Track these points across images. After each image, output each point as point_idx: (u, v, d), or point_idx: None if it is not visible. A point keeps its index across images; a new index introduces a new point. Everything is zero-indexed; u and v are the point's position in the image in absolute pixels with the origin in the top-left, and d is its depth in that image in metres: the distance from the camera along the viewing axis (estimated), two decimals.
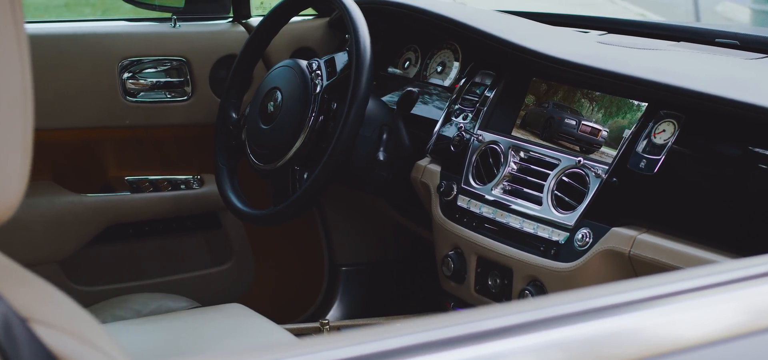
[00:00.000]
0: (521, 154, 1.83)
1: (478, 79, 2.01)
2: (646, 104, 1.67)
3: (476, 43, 2.02)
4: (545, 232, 1.72)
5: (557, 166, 1.75)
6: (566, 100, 1.81)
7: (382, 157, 1.99)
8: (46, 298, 0.76)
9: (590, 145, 1.73)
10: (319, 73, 1.97)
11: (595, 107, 1.76)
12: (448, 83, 2.11)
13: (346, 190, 2.35)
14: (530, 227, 1.75)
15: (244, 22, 2.38)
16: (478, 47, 2.04)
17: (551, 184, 1.75)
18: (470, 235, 1.85)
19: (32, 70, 2.22)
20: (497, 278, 1.81)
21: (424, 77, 2.17)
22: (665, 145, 1.59)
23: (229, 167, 2.11)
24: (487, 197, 1.84)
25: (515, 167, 1.83)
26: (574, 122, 1.78)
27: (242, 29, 2.36)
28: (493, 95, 1.95)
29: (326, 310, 2.51)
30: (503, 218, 1.80)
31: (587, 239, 1.64)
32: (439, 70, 2.15)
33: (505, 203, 1.81)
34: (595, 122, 1.74)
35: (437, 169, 1.97)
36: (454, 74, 2.11)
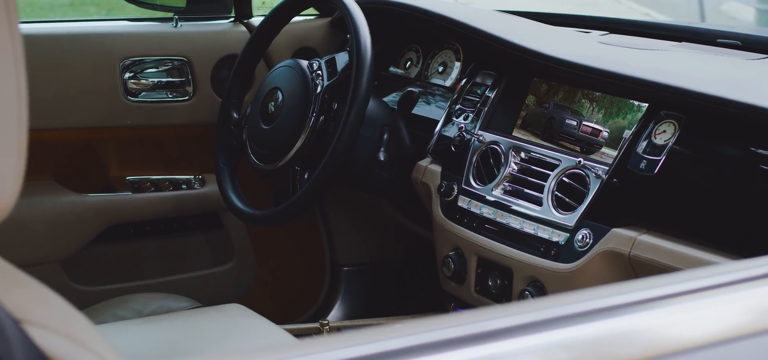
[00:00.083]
0: (522, 154, 1.83)
1: (479, 79, 2.01)
2: (646, 105, 1.66)
3: (477, 43, 2.02)
4: (545, 232, 1.72)
5: (558, 166, 1.75)
6: (567, 100, 1.81)
7: (382, 157, 1.99)
8: (39, 299, 0.76)
9: (591, 145, 1.73)
10: (319, 73, 1.97)
11: (595, 108, 1.76)
12: (449, 83, 2.10)
13: (347, 190, 2.34)
14: (530, 228, 1.74)
15: (245, 22, 2.37)
16: (479, 47, 2.04)
17: (551, 184, 1.74)
18: (471, 235, 1.85)
19: (34, 69, 2.22)
20: (497, 279, 1.81)
21: (425, 77, 2.17)
22: (665, 145, 1.59)
23: (230, 167, 2.11)
24: (487, 198, 1.84)
25: (516, 168, 1.83)
26: (575, 123, 1.77)
27: (244, 29, 2.35)
28: (494, 95, 1.94)
29: (328, 310, 2.50)
30: (503, 219, 1.80)
31: (587, 240, 1.64)
32: (440, 70, 2.14)
33: (505, 204, 1.81)
34: (595, 123, 1.74)
35: (438, 169, 1.97)
36: (455, 74, 2.10)
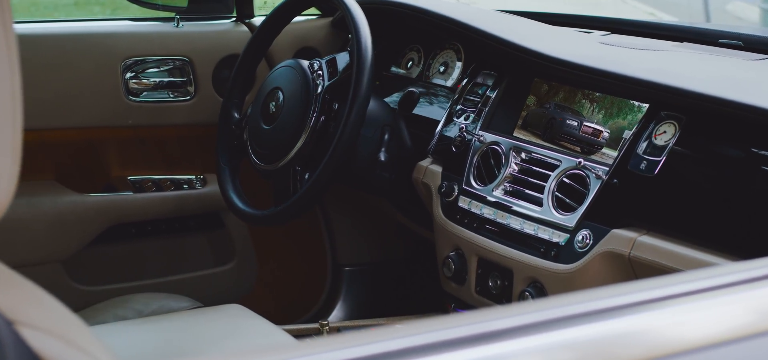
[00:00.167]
0: (522, 155, 1.82)
1: (480, 79, 2.01)
2: (647, 105, 1.66)
3: (478, 43, 2.02)
4: (546, 233, 1.71)
5: (558, 167, 1.75)
6: (567, 100, 1.81)
7: (383, 157, 1.99)
8: (33, 301, 0.76)
9: (591, 146, 1.72)
10: (320, 73, 1.96)
11: (595, 108, 1.75)
12: (450, 83, 2.10)
13: (348, 190, 2.34)
14: (531, 228, 1.74)
15: (247, 21, 2.37)
16: (480, 47, 2.04)
17: (552, 185, 1.74)
18: (471, 236, 1.84)
19: (35, 69, 2.21)
20: (498, 279, 1.80)
21: (426, 77, 2.17)
22: (666, 146, 1.59)
23: (231, 167, 2.11)
24: (488, 198, 1.84)
25: (516, 168, 1.82)
26: (575, 123, 1.77)
27: (245, 29, 2.35)
28: (494, 96, 1.94)
29: (329, 310, 2.50)
30: (504, 219, 1.80)
31: (587, 241, 1.64)
32: (441, 70, 2.14)
33: (506, 204, 1.80)
34: (596, 123, 1.73)
35: (439, 169, 1.97)
36: (456, 74, 2.10)
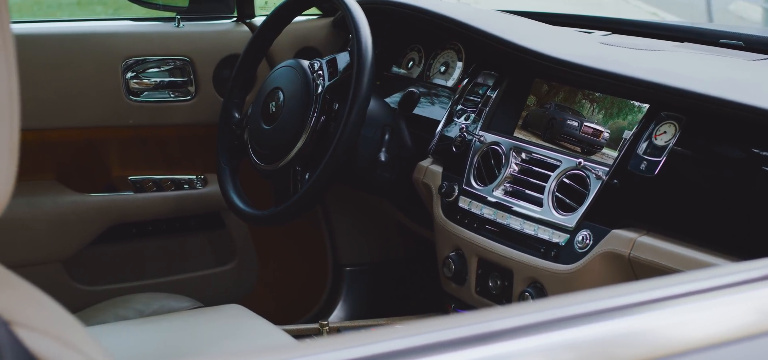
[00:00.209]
0: (522, 155, 1.82)
1: (480, 79, 2.01)
2: (647, 106, 1.66)
3: (478, 43, 2.02)
4: (546, 233, 1.71)
5: (558, 167, 1.75)
6: (567, 100, 1.81)
7: (383, 157, 1.98)
8: (29, 301, 0.75)
9: (592, 146, 1.72)
10: (320, 73, 1.96)
11: (596, 108, 1.75)
12: (451, 83, 2.10)
13: (349, 190, 2.34)
14: (531, 229, 1.74)
15: (247, 21, 2.37)
16: (480, 47, 2.03)
17: (552, 185, 1.74)
18: (471, 236, 1.84)
19: (36, 69, 2.20)
20: (498, 280, 1.80)
21: (427, 77, 2.17)
22: (666, 146, 1.58)
23: (231, 167, 2.11)
24: (488, 198, 1.83)
25: (516, 168, 1.82)
26: (576, 123, 1.77)
27: (246, 29, 2.35)
28: (495, 96, 1.94)
29: (330, 310, 2.50)
30: (504, 220, 1.79)
31: (587, 241, 1.64)
32: (442, 70, 2.14)
33: (506, 205, 1.80)
34: (596, 123, 1.73)
35: (439, 169, 1.97)
36: (457, 74, 2.10)
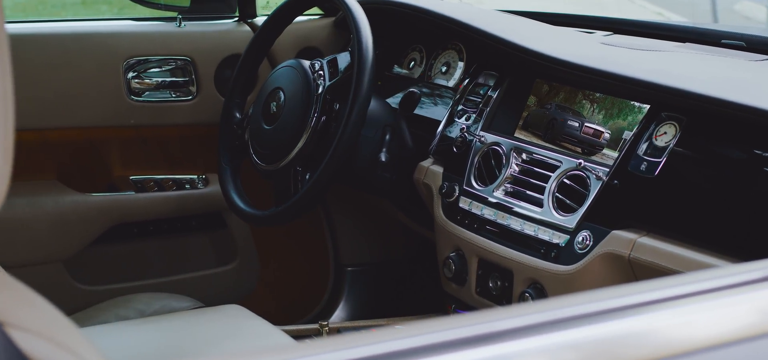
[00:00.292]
0: (523, 155, 1.82)
1: (481, 79, 2.00)
2: (647, 106, 1.65)
3: (479, 43, 2.01)
4: (546, 234, 1.71)
5: (558, 168, 1.74)
6: (568, 101, 1.80)
7: (384, 157, 1.98)
8: (23, 302, 0.75)
9: (592, 147, 1.72)
10: (321, 73, 1.96)
11: (596, 109, 1.74)
12: (452, 83, 2.09)
13: (350, 190, 2.34)
14: (531, 229, 1.73)
15: (249, 21, 2.37)
16: (481, 47, 2.03)
17: (552, 186, 1.73)
18: (471, 236, 1.84)
19: (37, 69, 2.20)
20: (498, 280, 1.80)
21: (428, 77, 2.16)
22: (666, 147, 1.58)
23: (232, 167, 2.11)
24: (488, 199, 1.83)
25: (517, 169, 1.82)
26: (577, 124, 1.76)
27: (248, 29, 2.35)
28: (496, 96, 1.93)
29: (331, 310, 2.49)
30: (504, 220, 1.79)
31: (587, 242, 1.63)
32: (443, 70, 2.13)
33: (506, 205, 1.80)
34: (597, 124, 1.73)
35: (440, 170, 1.96)
36: (458, 74, 2.09)
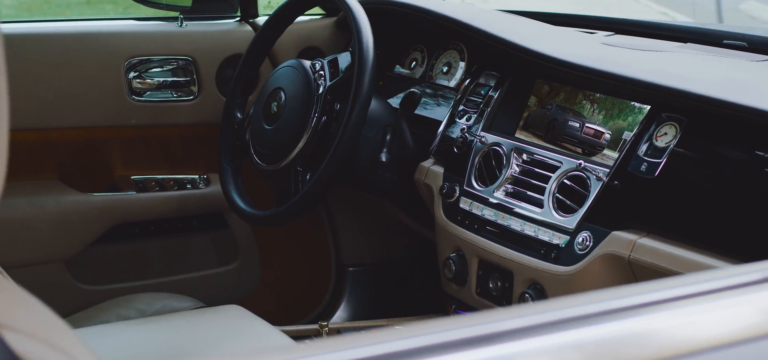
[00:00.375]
0: (523, 156, 1.81)
1: (482, 79, 2.00)
2: (648, 107, 1.65)
3: (480, 43, 2.01)
4: (546, 235, 1.70)
5: (559, 168, 1.74)
6: (568, 101, 1.80)
7: (384, 158, 1.98)
8: (17, 304, 0.75)
9: (593, 147, 1.71)
10: (322, 73, 1.96)
11: (596, 109, 1.74)
12: (453, 84, 2.09)
13: (352, 190, 2.34)
14: (531, 230, 1.73)
15: (251, 21, 2.36)
16: (482, 48, 2.03)
17: (553, 186, 1.73)
18: (472, 237, 1.83)
19: (38, 68, 2.20)
20: (498, 281, 1.79)
21: (430, 77, 2.16)
22: (667, 148, 1.57)
23: (233, 167, 2.11)
24: (489, 200, 1.83)
25: (517, 169, 1.81)
26: (577, 124, 1.76)
27: (249, 29, 2.34)
28: (497, 96, 1.93)
29: (333, 310, 2.49)
30: (505, 221, 1.78)
31: (587, 243, 1.62)
32: (444, 70, 2.13)
33: (506, 206, 1.79)
34: (598, 124, 1.72)
35: (440, 170, 1.96)
36: (459, 75, 2.09)
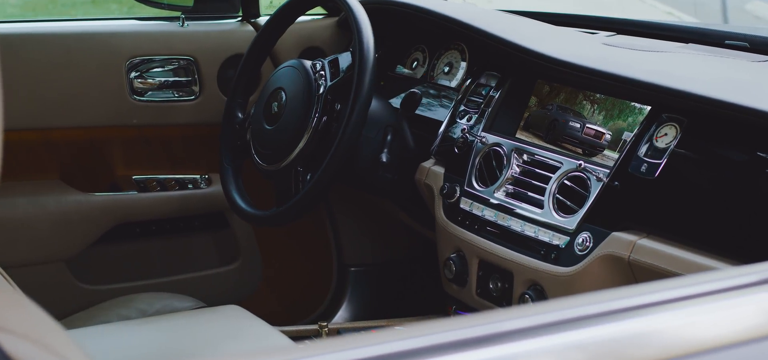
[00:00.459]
0: (524, 156, 1.81)
1: (483, 80, 1.99)
2: (648, 107, 1.64)
3: (481, 43, 2.01)
4: (546, 235, 1.70)
5: (559, 169, 1.73)
6: (569, 102, 1.79)
7: (385, 158, 1.97)
8: (9, 304, 0.75)
9: (594, 148, 1.71)
10: (322, 73, 1.96)
11: (597, 110, 1.74)
12: (454, 84, 2.08)
13: (354, 190, 2.33)
14: (531, 231, 1.73)
15: (252, 21, 2.36)
16: (483, 48, 2.02)
17: (553, 187, 1.73)
18: (472, 238, 1.83)
19: (40, 68, 2.20)
20: (498, 282, 1.79)
21: (431, 78, 2.15)
22: (667, 148, 1.57)
23: (234, 167, 2.11)
24: (489, 200, 1.82)
25: (518, 170, 1.81)
26: (578, 125, 1.75)
27: (251, 29, 2.34)
28: (497, 96, 1.93)
29: (334, 310, 2.49)
30: (505, 221, 1.78)
31: (587, 244, 1.62)
32: (446, 70, 2.13)
33: (507, 206, 1.79)
34: (598, 125, 1.72)
35: (441, 170, 1.95)
36: (460, 75, 2.09)
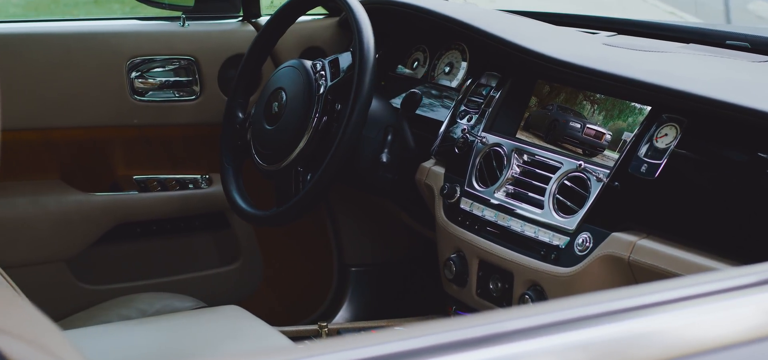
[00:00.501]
0: (524, 156, 1.81)
1: (483, 80, 1.99)
2: (649, 108, 1.64)
3: (481, 43, 2.00)
4: (546, 236, 1.70)
5: (559, 169, 1.73)
6: (569, 102, 1.79)
7: (385, 158, 1.97)
8: (6, 305, 0.75)
9: (594, 148, 1.71)
10: (323, 73, 1.96)
11: (597, 110, 1.74)
12: (455, 84, 2.08)
13: (354, 190, 2.33)
14: (531, 231, 1.73)
15: (253, 21, 2.36)
16: (483, 48, 2.02)
17: (553, 187, 1.72)
18: (472, 238, 1.83)
19: (41, 68, 2.21)
20: (498, 282, 1.79)
21: (432, 78, 2.15)
22: (667, 149, 1.57)
23: (234, 167, 2.11)
24: (489, 200, 1.82)
25: (518, 170, 1.81)
26: (578, 125, 1.75)
27: (252, 29, 2.34)
28: (498, 96, 1.93)
29: (335, 310, 2.49)
30: (505, 222, 1.78)
31: (587, 244, 1.62)
32: (446, 70, 2.13)
33: (507, 207, 1.79)
34: (598, 125, 1.72)
35: (441, 171, 1.95)
36: (461, 75, 2.08)
